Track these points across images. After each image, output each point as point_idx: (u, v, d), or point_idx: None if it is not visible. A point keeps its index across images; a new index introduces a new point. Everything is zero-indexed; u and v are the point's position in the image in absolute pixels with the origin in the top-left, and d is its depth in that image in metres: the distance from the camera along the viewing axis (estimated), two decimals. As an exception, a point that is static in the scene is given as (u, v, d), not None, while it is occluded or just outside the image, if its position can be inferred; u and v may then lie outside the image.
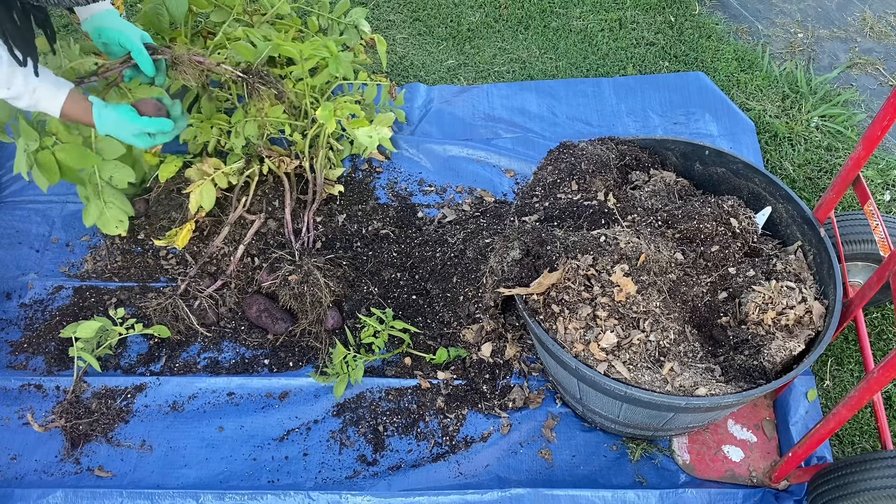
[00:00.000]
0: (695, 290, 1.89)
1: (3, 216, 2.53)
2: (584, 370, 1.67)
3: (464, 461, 2.02)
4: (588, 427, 2.08)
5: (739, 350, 1.77)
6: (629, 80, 2.98)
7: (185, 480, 1.97)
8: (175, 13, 2.29)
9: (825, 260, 1.85)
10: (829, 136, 2.82)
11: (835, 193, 1.89)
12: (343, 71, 2.24)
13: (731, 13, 3.38)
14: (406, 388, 2.15)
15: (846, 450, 2.07)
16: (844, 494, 1.64)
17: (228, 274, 2.31)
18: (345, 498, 1.92)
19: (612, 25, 3.29)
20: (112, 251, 2.44)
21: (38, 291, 2.35)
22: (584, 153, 2.11)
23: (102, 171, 2.19)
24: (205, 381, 2.15)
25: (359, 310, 2.28)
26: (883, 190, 2.65)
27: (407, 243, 2.46)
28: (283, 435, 2.07)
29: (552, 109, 2.90)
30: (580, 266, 1.77)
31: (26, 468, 1.99)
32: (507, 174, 2.69)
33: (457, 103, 2.92)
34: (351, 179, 2.64)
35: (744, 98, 2.96)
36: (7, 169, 2.65)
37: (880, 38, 3.24)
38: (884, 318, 2.30)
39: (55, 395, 2.12)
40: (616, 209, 2.00)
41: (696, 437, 2.06)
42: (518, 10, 3.37)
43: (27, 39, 1.63)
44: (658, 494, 1.93)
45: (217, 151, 2.47)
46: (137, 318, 2.22)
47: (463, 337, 2.20)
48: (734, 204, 1.97)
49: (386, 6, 3.39)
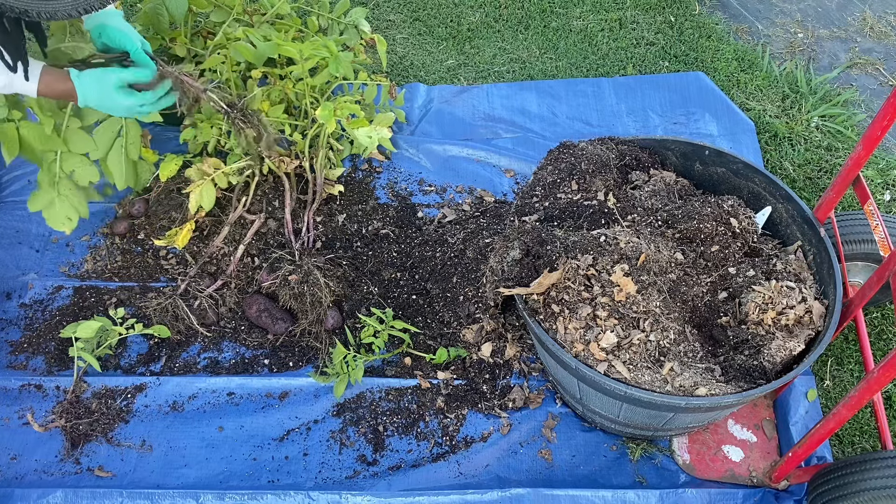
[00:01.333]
0: (695, 289, 1.89)
1: (3, 216, 2.53)
2: (584, 370, 1.67)
3: (464, 461, 2.02)
4: (588, 427, 2.08)
5: (739, 350, 1.77)
6: (629, 80, 2.98)
7: (185, 480, 1.97)
8: (175, 13, 2.29)
9: (825, 260, 1.85)
10: (829, 136, 2.82)
11: (835, 193, 1.89)
12: (343, 71, 2.24)
13: (731, 13, 3.38)
14: (406, 388, 2.15)
15: (846, 450, 2.07)
16: (844, 494, 1.64)
17: (228, 274, 2.31)
18: (345, 498, 1.92)
19: (612, 25, 3.29)
20: (112, 251, 2.44)
21: (38, 291, 2.35)
22: (584, 153, 2.11)
23: (65, 162, 2.11)
24: (205, 381, 2.15)
25: (359, 310, 2.28)
26: (883, 190, 2.65)
27: (407, 243, 2.46)
28: (283, 435, 2.07)
29: (552, 109, 2.90)
30: (580, 266, 1.77)
31: (26, 468, 1.99)
32: (507, 174, 2.69)
33: (457, 103, 2.92)
34: (351, 179, 2.64)
35: (744, 98, 2.96)
36: (7, 169, 2.65)
37: (880, 38, 3.24)
38: (884, 318, 2.30)
39: (55, 395, 2.12)
40: (616, 209, 2.00)
41: (696, 437, 2.06)
42: (518, 10, 3.37)
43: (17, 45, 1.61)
44: (658, 494, 1.93)
45: (217, 151, 2.47)
46: (137, 318, 2.22)
47: (463, 337, 2.20)
48: (734, 204, 1.97)
49: (386, 6, 3.39)
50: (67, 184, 2.17)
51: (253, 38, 2.20)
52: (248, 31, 2.23)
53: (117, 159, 2.21)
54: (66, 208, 2.17)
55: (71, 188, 2.17)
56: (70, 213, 2.18)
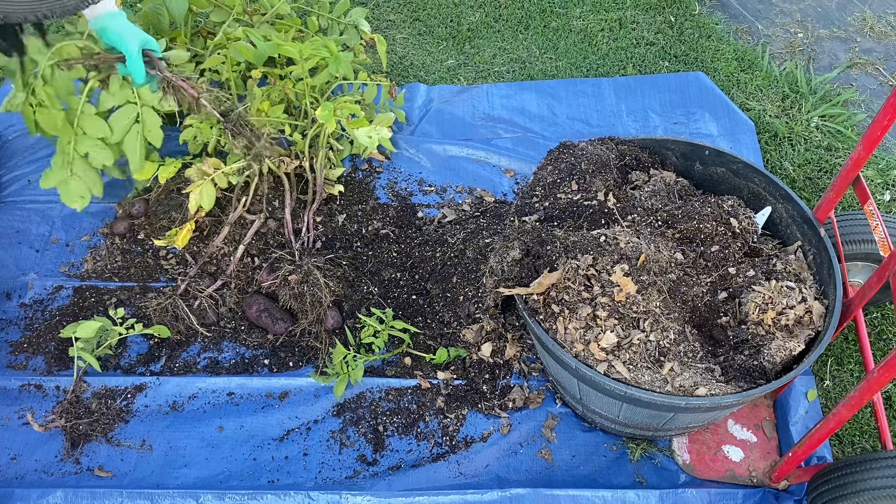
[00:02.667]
0: (695, 290, 1.89)
1: (3, 216, 2.53)
2: (584, 370, 1.67)
3: (464, 461, 2.02)
4: (588, 427, 2.08)
5: (739, 350, 1.77)
6: (629, 80, 2.98)
7: (185, 480, 1.97)
8: (175, 13, 2.29)
9: (825, 260, 1.85)
10: (829, 136, 2.82)
11: (835, 193, 1.89)
12: (343, 71, 2.24)
13: (731, 13, 3.38)
14: (406, 388, 2.15)
15: (846, 450, 2.07)
16: (844, 494, 1.64)
17: (228, 274, 2.31)
18: (345, 498, 1.92)
19: (612, 25, 3.29)
20: (112, 251, 2.44)
21: (38, 291, 2.35)
22: (584, 153, 2.11)
23: (80, 144, 2.15)
24: (205, 381, 2.15)
25: (359, 310, 2.28)
26: (883, 190, 2.64)
27: (407, 243, 2.46)
28: (283, 435, 2.07)
29: (552, 109, 2.90)
30: (580, 266, 1.77)
31: (26, 468, 1.99)
32: (507, 174, 2.69)
33: (457, 103, 2.92)
34: (351, 179, 2.64)
35: (744, 98, 2.96)
36: (7, 169, 2.65)
37: (880, 38, 3.24)
38: (884, 318, 2.30)
39: (55, 395, 2.12)
40: (616, 209, 2.00)
41: (696, 437, 2.06)
42: (518, 10, 3.37)
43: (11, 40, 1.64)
44: (658, 494, 1.93)
45: (217, 151, 2.47)
46: (137, 318, 2.22)
47: (463, 337, 2.20)
48: (734, 204, 1.97)
49: (386, 6, 3.39)
50: (82, 164, 2.20)
51: (253, 37, 2.20)
52: (249, 31, 2.23)
53: (133, 144, 2.22)
54: (79, 187, 2.21)
55: (85, 168, 2.21)
56: (83, 191, 2.22)
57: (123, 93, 2.15)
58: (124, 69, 1.95)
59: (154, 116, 2.20)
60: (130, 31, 1.85)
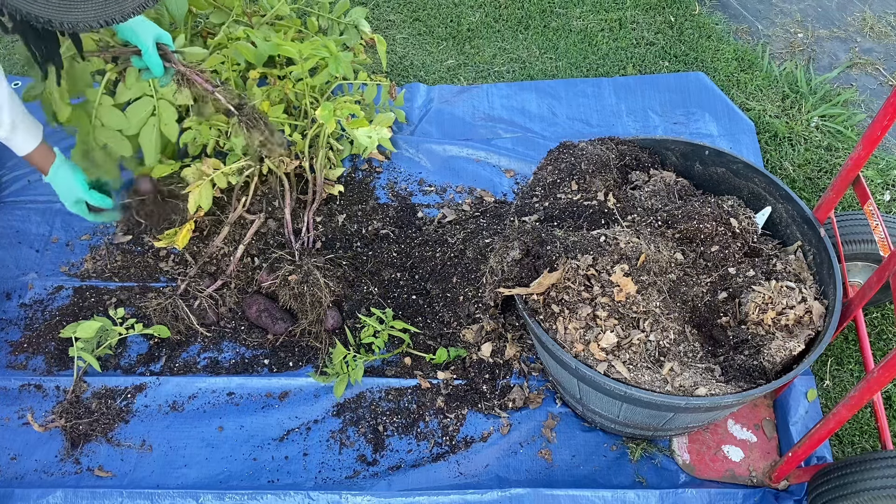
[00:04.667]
0: (695, 290, 1.89)
1: (3, 216, 2.53)
2: (584, 370, 1.67)
3: (464, 461, 2.02)
4: (588, 427, 2.08)
5: (739, 350, 1.77)
6: (629, 80, 2.98)
7: (184, 480, 1.97)
8: (175, 14, 2.29)
9: (825, 260, 1.85)
10: (829, 136, 2.82)
11: (835, 193, 1.89)
12: (343, 71, 2.24)
13: (731, 13, 3.38)
14: (406, 388, 2.15)
15: (846, 450, 2.07)
16: (844, 494, 1.64)
17: (228, 274, 2.31)
18: (345, 498, 1.92)
19: (612, 25, 3.29)
20: (112, 251, 2.44)
21: (38, 291, 2.35)
22: (584, 153, 2.11)
23: (98, 136, 2.17)
24: (205, 381, 2.15)
25: (359, 310, 2.28)
26: (883, 190, 2.64)
27: (407, 243, 2.46)
28: (283, 435, 2.07)
29: (552, 109, 2.90)
30: (580, 266, 1.77)
31: (26, 468, 1.99)
32: (507, 174, 2.69)
33: (457, 103, 2.92)
34: (351, 179, 2.64)
35: (744, 98, 2.96)
36: (7, 169, 2.65)
37: (880, 38, 3.23)
38: (884, 318, 2.30)
39: (55, 395, 2.12)
40: (616, 209, 2.00)
41: (696, 436, 2.06)
42: (518, 10, 3.37)
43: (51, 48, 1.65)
44: (658, 494, 1.93)
45: (216, 151, 2.46)
46: (137, 318, 2.22)
47: (463, 337, 2.20)
48: (734, 204, 1.97)
49: (386, 6, 3.39)
50: (101, 155, 2.21)
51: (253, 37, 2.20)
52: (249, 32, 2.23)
53: (149, 137, 2.23)
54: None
55: (105, 159, 2.22)
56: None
57: (140, 86, 2.16)
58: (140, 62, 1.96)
59: (170, 109, 2.21)
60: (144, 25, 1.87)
